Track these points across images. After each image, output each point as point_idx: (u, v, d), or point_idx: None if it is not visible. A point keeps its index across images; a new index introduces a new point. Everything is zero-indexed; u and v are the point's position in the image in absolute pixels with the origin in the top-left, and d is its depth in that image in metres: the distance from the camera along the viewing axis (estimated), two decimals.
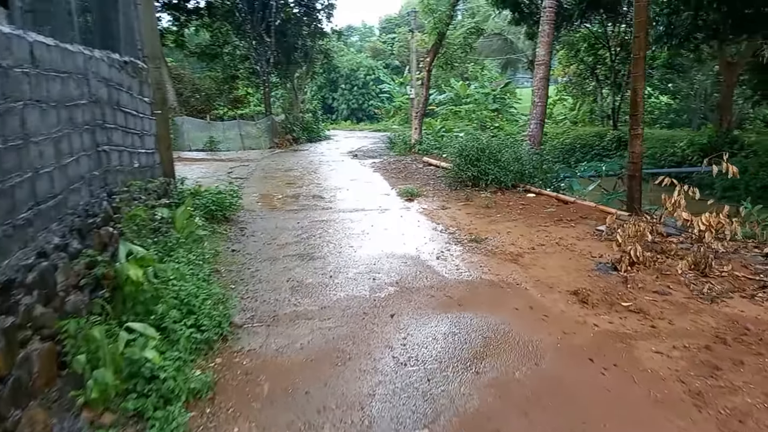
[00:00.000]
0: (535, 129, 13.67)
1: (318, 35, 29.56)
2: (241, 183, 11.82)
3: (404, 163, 15.07)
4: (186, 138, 24.23)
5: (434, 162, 13.83)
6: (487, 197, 9.31)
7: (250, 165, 15.76)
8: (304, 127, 28.69)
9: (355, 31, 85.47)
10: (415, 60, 37.21)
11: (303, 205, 9.65)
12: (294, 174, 13.63)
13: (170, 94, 24.34)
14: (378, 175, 13.15)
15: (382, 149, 22.74)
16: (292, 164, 16.26)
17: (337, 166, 15.50)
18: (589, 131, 27.17)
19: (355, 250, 6.86)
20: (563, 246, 6.68)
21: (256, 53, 25.78)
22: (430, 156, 15.59)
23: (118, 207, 5.35)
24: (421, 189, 10.65)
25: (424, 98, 17.53)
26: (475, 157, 9.90)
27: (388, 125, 39.13)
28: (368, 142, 28.16)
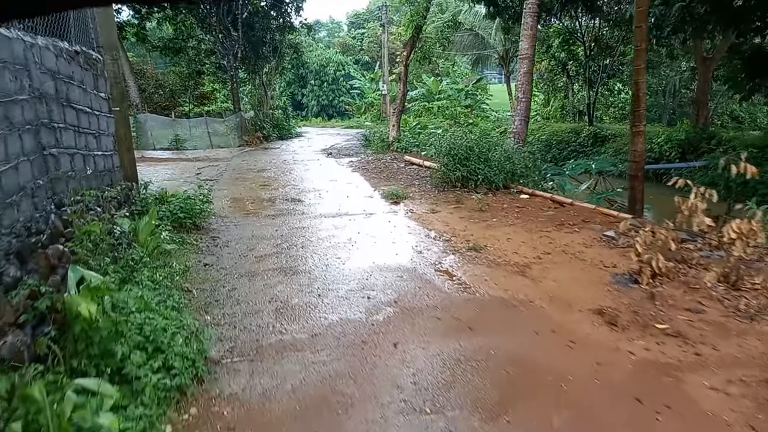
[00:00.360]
0: (520, 126, 13.18)
1: (287, 29, 28.59)
2: (212, 185, 10.96)
3: (384, 161, 14.39)
4: (150, 136, 23.05)
5: (416, 161, 13.19)
6: (478, 199, 8.73)
7: (220, 165, 14.84)
8: (275, 125, 27.74)
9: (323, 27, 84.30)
10: (386, 55, 36.58)
11: (280, 210, 8.88)
12: (268, 175, 12.80)
13: (132, 90, 23.14)
14: (357, 175, 12.44)
15: (358, 147, 22.02)
16: (264, 164, 15.40)
17: (312, 166, 14.72)
18: (565, 127, 27.01)
19: (343, 262, 6.16)
20: (571, 254, 6.13)
21: (222, 47, 24.68)
22: (411, 154, 14.95)
23: (70, 220, 4.57)
24: (407, 190, 10.00)
25: (401, 94, 16.88)
26: (464, 157, 9.31)
27: (360, 122, 38.38)
28: (341, 139, 27.38)
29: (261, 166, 14.57)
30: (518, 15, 22.49)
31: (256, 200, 9.70)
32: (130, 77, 23.39)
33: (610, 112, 35.02)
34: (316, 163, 15.20)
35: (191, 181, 11.13)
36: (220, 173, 12.92)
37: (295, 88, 49.95)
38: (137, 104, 23.40)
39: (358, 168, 13.57)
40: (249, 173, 13.01)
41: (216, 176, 12.40)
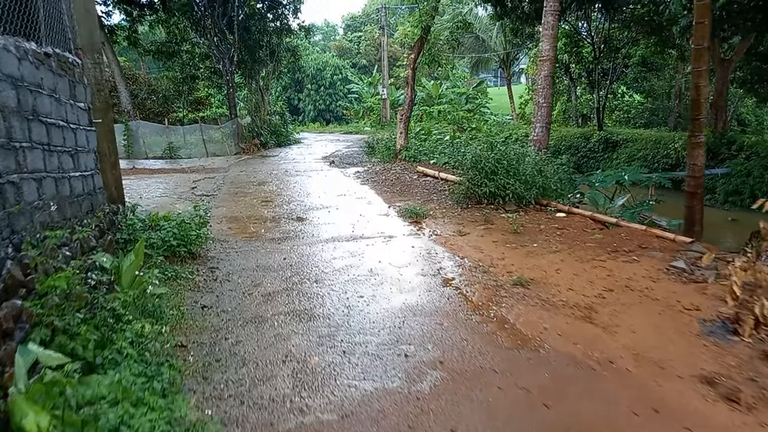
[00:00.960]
0: (541, 133, 12.26)
1: (284, 32, 27.64)
2: (208, 202, 9.97)
3: (394, 172, 13.40)
4: (142, 144, 22.04)
5: (431, 172, 12.19)
6: (510, 219, 7.78)
7: (216, 177, 13.82)
8: (272, 131, 26.77)
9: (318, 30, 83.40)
10: (386, 58, 35.69)
11: (286, 233, 7.89)
12: (269, 188, 11.80)
13: (123, 96, 22.14)
14: (367, 188, 11.46)
15: (360, 154, 21.05)
16: (264, 175, 14.40)
17: (316, 177, 13.73)
18: (573, 132, 26.13)
19: (367, 302, 5.17)
20: (639, 292, 5.16)
21: (217, 51, 23.68)
22: (423, 164, 13.95)
23: (33, 265, 3.60)
24: (425, 207, 9.02)
25: (409, 99, 15.92)
26: (492, 170, 8.35)
27: (359, 127, 37.43)
28: (342, 146, 26.44)
29: (261, 178, 13.56)
30: (527, 16, 21.70)
31: (259, 220, 8.70)
32: (121, 82, 22.38)
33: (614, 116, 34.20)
34: (320, 174, 14.21)
35: (186, 198, 10.13)
36: (218, 187, 11.90)
37: (292, 92, 48.99)
38: (129, 111, 22.38)
39: (367, 180, 12.59)
40: (248, 187, 12.01)
41: (213, 191, 11.38)
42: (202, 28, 23.53)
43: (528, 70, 38.23)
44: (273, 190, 11.52)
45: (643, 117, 33.75)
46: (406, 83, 15.84)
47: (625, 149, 23.31)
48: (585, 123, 34.61)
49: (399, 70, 46.91)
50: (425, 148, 16.72)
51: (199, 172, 15.50)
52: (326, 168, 16.15)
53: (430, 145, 18.28)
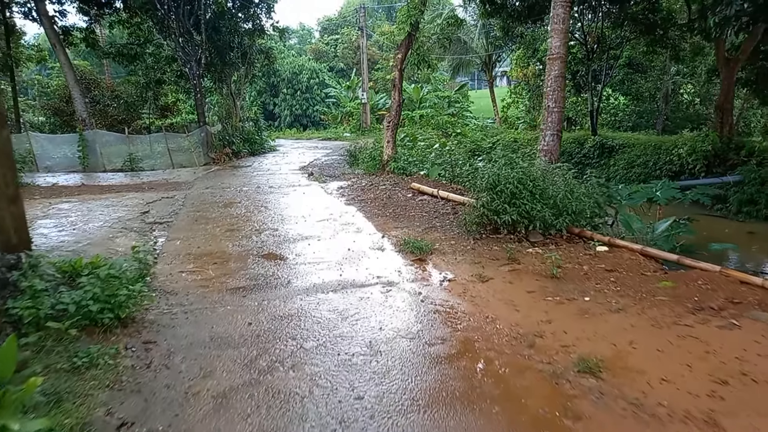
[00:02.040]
0: (552, 142, 10.72)
1: (257, 33, 25.77)
2: (159, 233, 8.13)
3: (383, 189, 11.60)
4: (100, 156, 19.95)
5: (428, 190, 10.42)
6: (541, 255, 6.15)
7: (177, 195, 11.87)
8: (245, 138, 24.83)
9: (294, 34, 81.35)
10: (365, 60, 34.03)
11: (255, 278, 6.08)
12: (237, 211, 9.93)
13: (78, 103, 20.05)
14: (354, 209, 9.67)
15: (342, 164, 19.29)
16: (233, 192, 12.51)
17: (293, 195, 11.89)
18: (566, 137, 24.73)
19: (372, 413, 3.43)
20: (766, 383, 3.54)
21: (183, 53, 21.70)
22: (416, 179, 12.17)
23: None
24: (429, 238, 7.29)
25: (397, 104, 14.20)
26: (513, 193, 6.67)
27: (339, 133, 35.65)
28: (321, 153, 24.65)
29: (229, 197, 11.69)
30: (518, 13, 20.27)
31: (221, 258, 6.88)
32: (75, 88, 20.23)
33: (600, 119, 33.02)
34: (298, 191, 12.36)
35: (133, 228, 8.25)
36: (175, 211, 9.97)
37: (267, 97, 46.96)
38: (84, 119, 20.24)
39: (353, 198, 10.79)
40: (212, 209, 10.13)
41: (169, 216, 9.49)
42: (166, 28, 21.54)
43: (512, 72, 36.95)
44: (241, 213, 9.68)
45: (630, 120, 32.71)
46: (393, 86, 14.15)
47: (623, 155, 22.00)
48: (571, 127, 33.44)
49: (378, 73, 45.30)
50: (414, 158, 15.05)
51: (159, 188, 13.56)
52: (304, 182, 14.34)
53: (418, 154, 16.63)
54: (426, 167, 14.78)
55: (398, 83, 14.14)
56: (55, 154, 20.20)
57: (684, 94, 33.09)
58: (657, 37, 22.50)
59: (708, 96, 31.97)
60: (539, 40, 32.64)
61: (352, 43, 56.17)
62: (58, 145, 20.28)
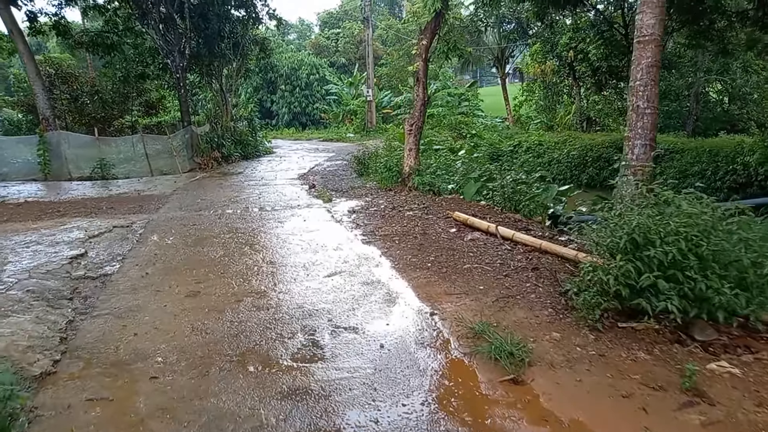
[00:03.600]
0: (644, 155, 7.86)
1: (251, 21, 22.85)
2: (83, 304, 5.27)
3: (411, 215, 8.56)
4: (66, 162, 17.04)
5: (481, 225, 7.31)
6: (744, 380, 3.34)
7: (136, 224, 8.89)
8: (237, 140, 21.88)
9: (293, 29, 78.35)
10: (371, 54, 31.17)
11: (230, 425, 3.26)
12: (211, 254, 6.98)
13: (40, 100, 17.13)
14: (377, 252, 6.70)
15: (348, 172, 16.43)
16: (212, 217, 9.56)
17: (291, 223, 8.89)
18: (600, 140, 21.88)
19: None
20: None
21: (164, 42, 18.78)
22: (456, 202, 9.20)
23: None
24: (510, 320, 4.43)
25: (421, 102, 11.28)
26: (675, 259, 3.78)
27: (341, 133, 32.68)
28: (322, 157, 21.73)
29: (204, 226, 8.73)
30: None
31: (170, 372, 3.98)
32: (36, 82, 17.32)
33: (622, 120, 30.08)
34: (297, 217, 9.38)
35: (45, 291, 5.36)
36: (123, 255, 6.95)
37: (264, 93, 43.96)
38: (48, 118, 17.33)
39: (373, 231, 7.78)
40: (177, 251, 7.18)
41: (111, 264, 6.55)
42: (145, 13, 18.61)
43: (528, 68, 34.09)
44: (216, 259, 6.76)
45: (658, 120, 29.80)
46: (416, 80, 11.27)
47: (672, 162, 19.07)
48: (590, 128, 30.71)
49: (382, 69, 42.37)
50: (441, 170, 12.15)
51: (122, 207, 10.65)
52: (305, 199, 11.45)
53: (440, 162, 13.74)
54: (454, 180, 11.93)
55: (422, 77, 11.26)
56: (15, 158, 17.29)
57: (710, 92, 30.33)
58: (703, 27, 19.76)
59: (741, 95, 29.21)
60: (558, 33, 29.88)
61: (354, 37, 53.22)
62: (19, 148, 17.36)
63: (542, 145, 23.78)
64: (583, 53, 26.49)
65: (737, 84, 28.33)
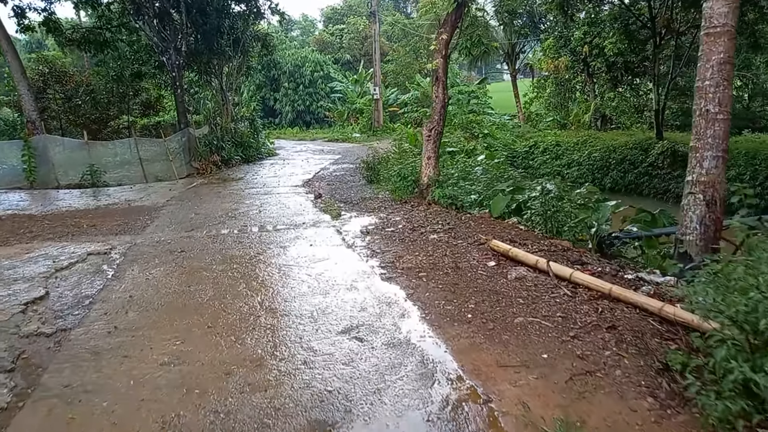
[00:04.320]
0: (715, 170, 6.61)
1: (252, 16, 21.59)
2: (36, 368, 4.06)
3: (435, 239, 7.21)
4: (53, 168, 15.86)
5: (527, 260, 5.86)
6: None
7: (115, 252, 7.62)
8: (238, 142, 20.66)
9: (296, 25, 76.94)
10: (378, 50, 29.89)
11: None
12: (201, 293, 5.77)
13: (26, 102, 15.95)
14: (401, 293, 5.33)
15: (356, 178, 15.20)
16: (204, 240, 8.29)
17: (295, 248, 7.55)
18: (623, 141, 20.54)
19: None
20: None
21: (159, 38, 17.56)
22: (486, 222, 7.91)
23: None
24: (598, 415, 3.28)
25: (441, 104, 9.99)
26: None
27: (347, 133, 31.38)
28: (328, 160, 20.49)
29: (195, 254, 7.48)
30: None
31: None
32: (21, 81, 16.14)
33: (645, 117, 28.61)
34: (302, 240, 8.04)
35: None
36: (92, 299, 5.69)
37: (267, 92, 42.69)
38: (34, 121, 16.14)
39: (393, 262, 6.40)
40: (159, 290, 5.93)
41: (73, 310, 5.28)
42: (139, 7, 17.39)
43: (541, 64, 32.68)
44: (203, 304, 5.46)
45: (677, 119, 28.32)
46: (435, 79, 9.99)
47: None
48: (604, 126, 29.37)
49: (387, 66, 41.01)
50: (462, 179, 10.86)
51: (102, 226, 9.43)
52: (310, 212, 10.21)
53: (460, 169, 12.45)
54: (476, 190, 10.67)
55: (442, 75, 9.97)
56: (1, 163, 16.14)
57: None
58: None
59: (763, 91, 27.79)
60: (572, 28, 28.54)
61: (359, 32, 51.84)
62: (4, 153, 16.17)
63: (560, 145, 22.46)
64: (599, 48, 25.19)
65: (762, 80, 26.97)
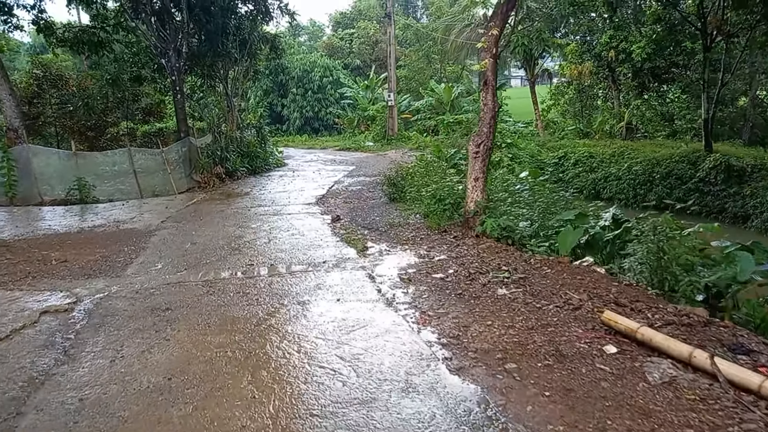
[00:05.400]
0: None
1: (261, 15, 19.88)
2: None
3: (509, 299, 5.23)
4: (36, 182, 14.12)
5: (672, 350, 3.77)
6: None
7: (81, 305, 5.84)
8: (244, 152, 18.89)
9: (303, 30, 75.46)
10: (393, 54, 28.16)
11: None
12: (184, 404, 3.85)
13: (7, 107, 14.24)
14: (488, 401, 3.43)
15: (374, 193, 13.40)
16: (200, 292, 6.51)
17: (318, 304, 5.70)
18: (666, 153, 18.66)
19: None
20: None
21: (158, 39, 15.86)
22: (570, 274, 5.99)
23: None
24: None
25: (490, 115, 8.12)
26: None
27: (359, 141, 29.56)
28: (342, 172, 18.69)
29: (183, 315, 5.59)
30: None
31: None
32: (3, 85, 14.46)
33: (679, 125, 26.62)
34: (325, 290, 5.99)
35: None
36: (17, 408, 3.95)
37: (274, 97, 41.03)
38: (16, 128, 14.44)
39: (459, 340, 4.32)
40: (127, 391, 4.07)
41: None
42: (134, 3, 15.71)
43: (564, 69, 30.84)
44: (187, 418, 3.71)
45: None
46: (483, 84, 8.18)
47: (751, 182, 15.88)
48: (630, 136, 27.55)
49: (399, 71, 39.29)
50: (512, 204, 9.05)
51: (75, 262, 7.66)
52: (330, 247, 8.39)
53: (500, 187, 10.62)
54: (526, 215, 8.86)
55: (491, 78, 8.16)
56: None
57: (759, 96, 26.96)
58: None
59: None
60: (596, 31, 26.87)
61: (369, 37, 50.20)
62: None
63: (593, 157, 20.56)
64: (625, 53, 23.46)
65: None
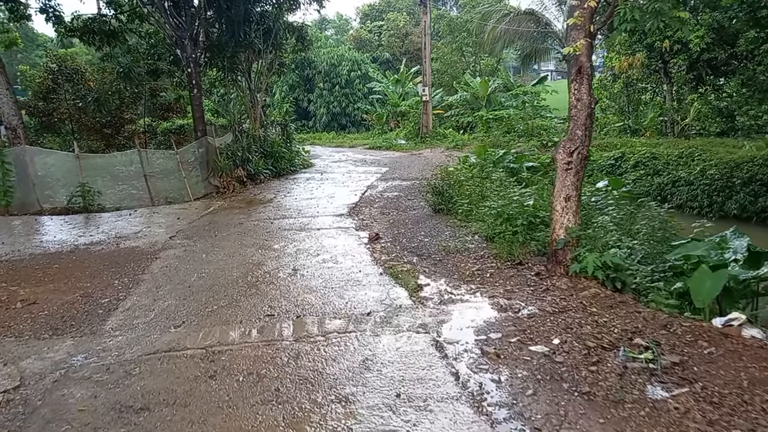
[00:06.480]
0: None
1: (287, 2, 18.06)
2: None
3: (674, 411, 3.19)
4: (34, 188, 12.57)
5: None
6: None
7: (19, 396, 4.11)
8: (267, 152, 17.12)
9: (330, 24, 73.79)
10: (429, 45, 26.19)
11: None
12: None
13: (5, 106, 12.70)
14: None
15: (414, 202, 11.45)
16: (200, 363, 4.59)
17: (366, 392, 3.80)
18: (747, 155, 16.26)
19: None
20: None
21: (171, 26, 14.18)
22: (743, 355, 4.08)
23: None
24: None
25: (586, 114, 6.15)
26: None
27: (389, 140, 27.61)
28: (375, 175, 16.78)
29: (174, 408, 3.88)
30: None
31: None
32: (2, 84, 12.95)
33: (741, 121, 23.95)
34: (375, 372, 3.97)
35: None
36: None
37: (300, 92, 39.35)
38: (15, 127, 12.91)
39: None
40: None
41: None
42: None
43: (612, 61, 28.31)
44: None
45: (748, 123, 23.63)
46: (576, 72, 6.18)
47: None
48: (683, 134, 25.07)
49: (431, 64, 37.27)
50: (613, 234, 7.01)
51: (47, 303, 5.98)
52: (373, 282, 6.53)
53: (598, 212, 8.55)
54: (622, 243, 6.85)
55: (587, 64, 6.16)
56: None
57: None
58: None
59: None
60: None
61: (399, 29, 48.17)
62: None
63: (657, 158, 18.20)
64: (681, 43, 21.07)
65: None
